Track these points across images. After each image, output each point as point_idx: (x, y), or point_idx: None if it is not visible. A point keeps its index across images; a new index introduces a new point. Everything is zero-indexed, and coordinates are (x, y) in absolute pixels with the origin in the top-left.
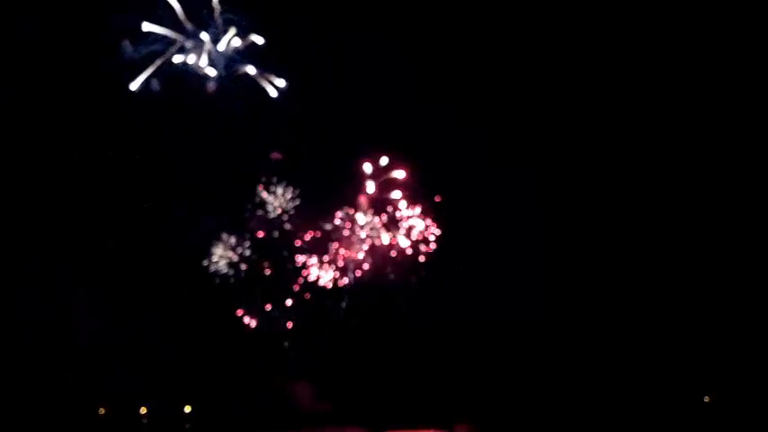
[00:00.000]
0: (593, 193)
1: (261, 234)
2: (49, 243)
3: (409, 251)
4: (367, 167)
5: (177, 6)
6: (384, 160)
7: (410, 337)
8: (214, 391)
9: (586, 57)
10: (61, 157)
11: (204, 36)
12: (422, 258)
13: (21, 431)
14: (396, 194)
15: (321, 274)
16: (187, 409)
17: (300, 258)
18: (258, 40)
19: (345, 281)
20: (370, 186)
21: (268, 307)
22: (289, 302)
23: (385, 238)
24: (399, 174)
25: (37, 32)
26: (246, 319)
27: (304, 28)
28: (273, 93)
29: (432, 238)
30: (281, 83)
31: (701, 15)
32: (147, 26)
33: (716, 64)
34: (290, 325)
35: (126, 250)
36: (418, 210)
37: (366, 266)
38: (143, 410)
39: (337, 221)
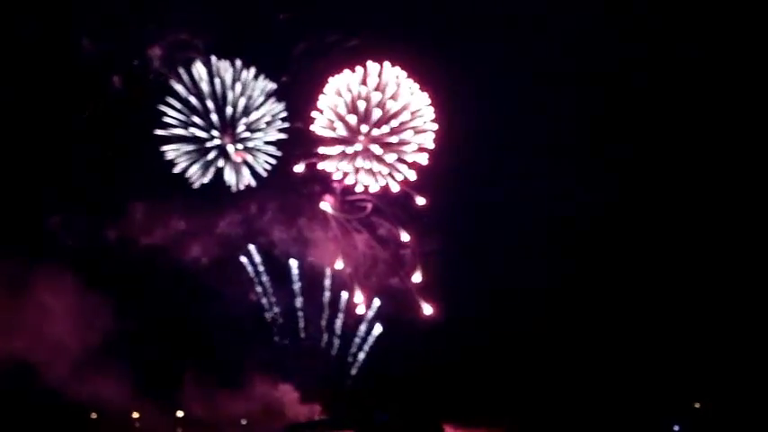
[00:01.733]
0: (593, 195)
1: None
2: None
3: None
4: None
5: None
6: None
7: (405, 337)
8: (207, 394)
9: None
10: (60, 157)
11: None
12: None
13: None
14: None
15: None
16: (179, 413)
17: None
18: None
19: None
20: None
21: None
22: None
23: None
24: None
25: (37, 32)
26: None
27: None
28: None
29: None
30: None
31: (701, 15)
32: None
33: (716, 65)
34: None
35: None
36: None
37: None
38: (135, 415)
39: None
